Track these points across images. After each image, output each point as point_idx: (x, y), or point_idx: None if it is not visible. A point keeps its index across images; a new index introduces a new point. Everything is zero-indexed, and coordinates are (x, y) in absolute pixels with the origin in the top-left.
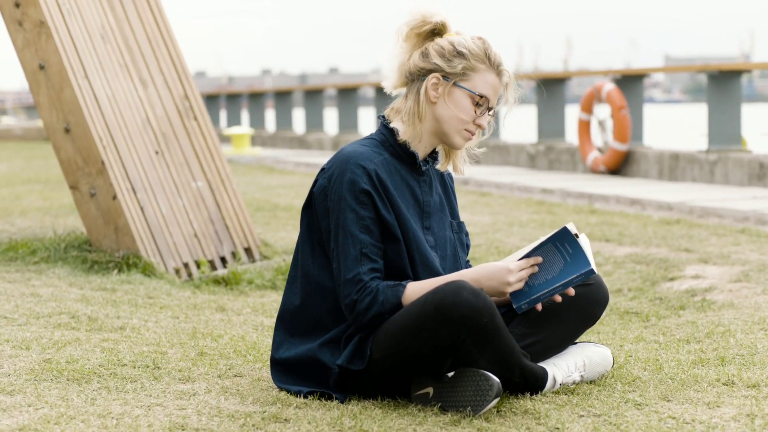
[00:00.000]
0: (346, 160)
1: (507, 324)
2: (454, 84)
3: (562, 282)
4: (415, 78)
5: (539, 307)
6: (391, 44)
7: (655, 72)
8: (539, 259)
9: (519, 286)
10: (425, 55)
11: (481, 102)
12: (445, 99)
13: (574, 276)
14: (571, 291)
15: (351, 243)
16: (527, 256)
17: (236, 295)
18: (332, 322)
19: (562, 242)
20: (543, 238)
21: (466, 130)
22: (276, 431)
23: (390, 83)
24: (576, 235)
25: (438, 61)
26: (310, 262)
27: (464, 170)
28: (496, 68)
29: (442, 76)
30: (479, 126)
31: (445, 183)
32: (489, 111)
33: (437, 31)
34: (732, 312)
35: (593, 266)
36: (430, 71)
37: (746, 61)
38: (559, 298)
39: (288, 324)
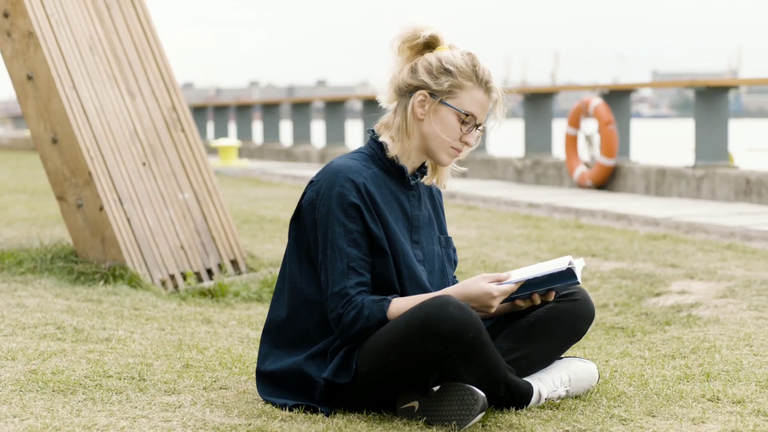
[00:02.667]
0: (335, 173)
1: (493, 338)
2: (441, 102)
3: (546, 287)
4: (403, 93)
5: (520, 303)
6: (387, 57)
7: (643, 87)
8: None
9: (499, 310)
10: (414, 71)
11: (467, 120)
12: (431, 116)
13: (558, 284)
14: (552, 295)
15: (338, 256)
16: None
17: (222, 307)
18: (319, 335)
19: (560, 276)
20: (540, 272)
21: (452, 147)
22: None
23: (385, 97)
24: (571, 270)
25: (425, 78)
26: (297, 274)
27: (447, 185)
28: (484, 85)
29: (429, 94)
30: (466, 143)
31: (434, 198)
32: (477, 128)
33: (430, 44)
34: (717, 328)
35: (579, 278)
36: (417, 88)
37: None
38: (538, 300)
39: (274, 336)
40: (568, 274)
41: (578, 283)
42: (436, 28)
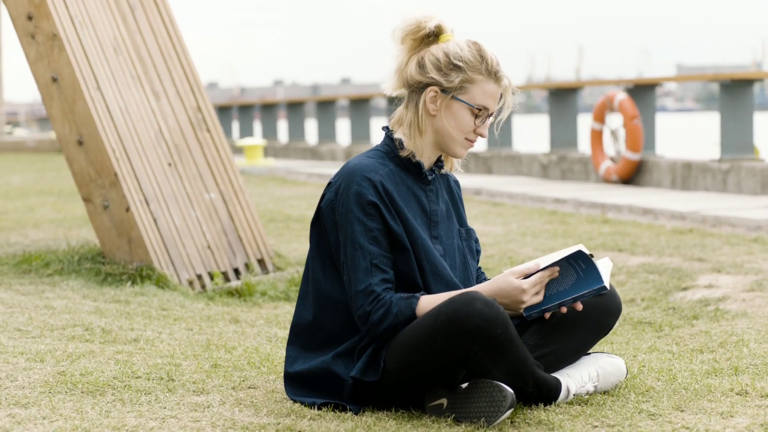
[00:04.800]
0: (352, 172)
1: (520, 334)
2: (453, 97)
3: (574, 296)
4: (413, 89)
5: (547, 316)
6: (390, 47)
7: (668, 81)
8: (555, 273)
9: (534, 300)
10: (421, 66)
11: (480, 113)
12: (443, 112)
13: (586, 291)
14: (579, 306)
15: (360, 255)
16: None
17: (250, 306)
18: (346, 334)
19: (576, 260)
20: (556, 256)
21: (466, 139)
22: None
23: (389, 86)
24: (591, 255)
25: (435, 74)
26: (321, 276)
27: (458, 167)
28: (493, 76)
29: (440, 90)
30: (480, 134)
31: (452, 190)
32: (489, 117)
33: (433, 33)
34: (745, 321)
35: (606, 283)
36: (428, 84)
37: (758, 70)
38: (564, 310)
39: (302, 339)
40: (594, 274)
41: (606, 290)
42: (438, 19)
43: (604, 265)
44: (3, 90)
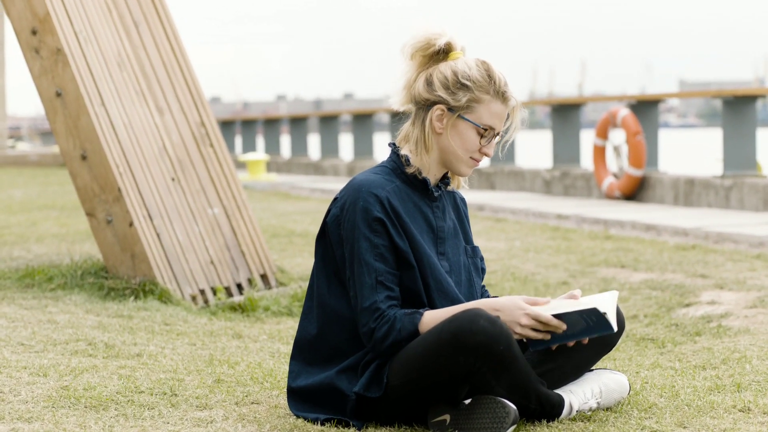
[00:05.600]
0: (359, 188)
1: (523, 351)
2: (459, 116)
3: (581, 337)
4: (421, 106)
5: (554, 348)
6: (398, 62)
7: (670, 97)
8: (561, 329)
9: (527, 333)
10: (429, 84)
11: (486, 133)
12: (449, 131)
13: (594, 335)
14: (586, 340)
15: (366, 271)
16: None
17: (252, 321)
18: (350, 349)
19: (589, 315)
20: (571, 306)
21: (471, 158)
22: None
23: (397, 101)
24: (604, 314)
25: (442, 93)
26: (326, 291)
27: (465, 186)
28: (501, 96)
29: (447, 108)
30: (485, 154)
31: (458, 207)
32: (495, 137)
33: (443, 51)
34: (748, 338)
35: (614, 325)
36: (435, 102)
37: (761, 86)
38: (571, 344)
39: (306, 353)
40: (604, 322)
41: (613, 331)
42: (449, 35)
43: (612, 298)
44: (6, 104)
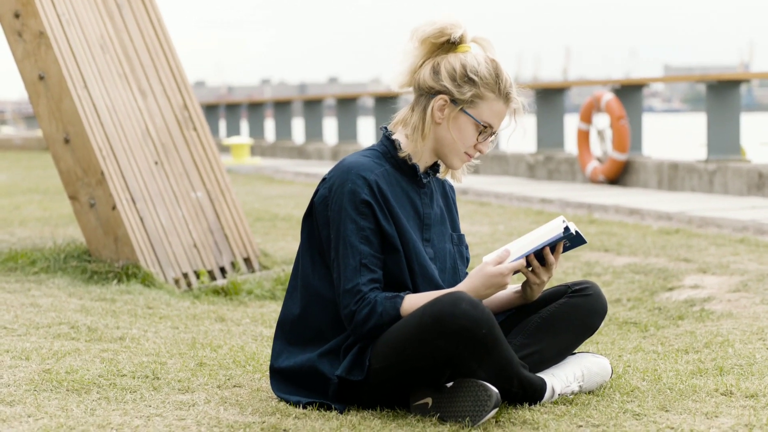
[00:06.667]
0: (348, 170)
1: (505, 334)
2: (461, 110)
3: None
4: (423, 93)
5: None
6: (404, 42)
7: (655, 82)
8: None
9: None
10: (436, 72)
11: (484, 130)
12: (449, 122)
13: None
14: (560, 248)
15: (351, 253)
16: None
17: (235, 305)
18: (332, 332)
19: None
20: (540, 243)
21: (465, 153)
22: None
23: (397, 82)
24: (570, 231)
25: (448, 83)
26: (310, 271)
27: (462, 179)
28: (504, 96)
29: (450, 100)
30: (480, 151)
31: (447, 195)
32: (491, 136)
33: (453, 42)
34: (731, 322)
35: (576, 233)
36: (439, 92)
37: (745, 71)
38: (552, 259)
39: (288, 333)
40: (577, 238)
41: (585, 242)
42: (463, 29)
43: (561, 220)
44: None
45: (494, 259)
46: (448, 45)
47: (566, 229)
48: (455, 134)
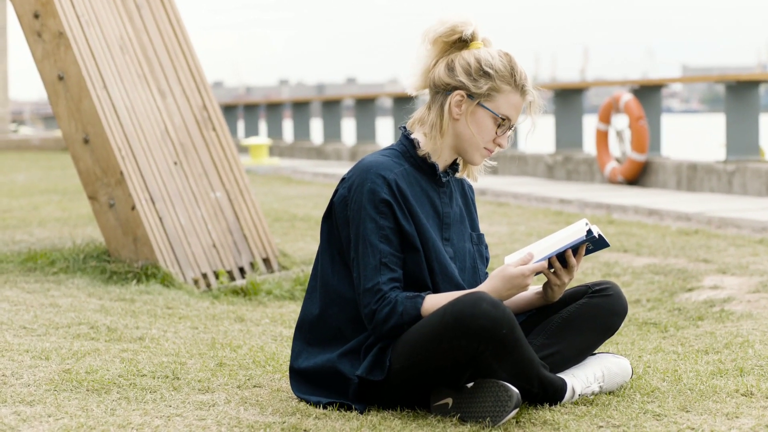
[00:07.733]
0: (367, 169)
1: (526, 335)
2: (478, 104)
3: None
4: (439, 90)
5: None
6: (416, 45)
7: (673, 82)
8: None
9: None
10: (451, 69)
11: (503, 123)
12: (467, 117)
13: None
14: (582, 251)
15: (371, 252)
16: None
17: (255, 305)
18: (352, 331)
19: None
20: (562, 246)
21: (485, 148)
22: None
23: (413, 86)
24: (594, 234)
25: (463, 78)
26: (329, 272)
27: (479, 178)
28: (520, 89)
29: (467, 95)
30: (499, 145)
31: (466, 194)
32: (510, 129)
33: (465, 40)
34: (750, 322)
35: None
36: (455, 88)
37: (764, 71)
38: (573, 261)
39: (307, 333)
40: (601, 242)
41: (609, 245)
42: (474, 26)
43: (584, 222)
44: (9, 88)
45: (516, 261)
46: (460, 43)
47: (589, 231)
48: (474, 129)
